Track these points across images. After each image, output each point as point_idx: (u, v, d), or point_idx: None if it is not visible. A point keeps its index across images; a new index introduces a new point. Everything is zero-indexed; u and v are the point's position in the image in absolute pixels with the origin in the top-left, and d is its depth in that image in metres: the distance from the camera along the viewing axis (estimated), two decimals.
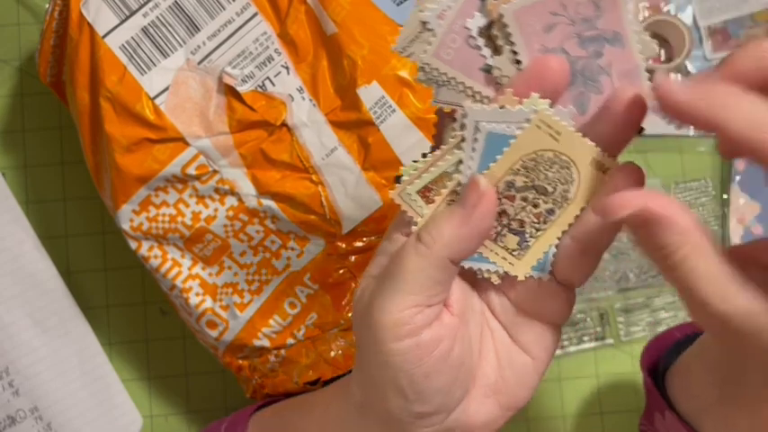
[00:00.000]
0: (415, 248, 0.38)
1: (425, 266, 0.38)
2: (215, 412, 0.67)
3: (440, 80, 0.40)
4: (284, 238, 0.59)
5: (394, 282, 0.39)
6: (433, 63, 0.39)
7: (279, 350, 0.60)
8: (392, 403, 0.40)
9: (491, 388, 0.42)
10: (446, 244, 0.38)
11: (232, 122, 0.58)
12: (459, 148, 0.39)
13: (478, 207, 0.38)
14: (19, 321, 0.63)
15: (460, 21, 0.39)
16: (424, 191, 0.40)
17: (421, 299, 0.38)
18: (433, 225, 0.38)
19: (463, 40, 0.39)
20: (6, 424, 0.62)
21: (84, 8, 0.57)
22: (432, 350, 0.39)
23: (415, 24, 0.39)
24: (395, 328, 0.38)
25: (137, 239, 0.59)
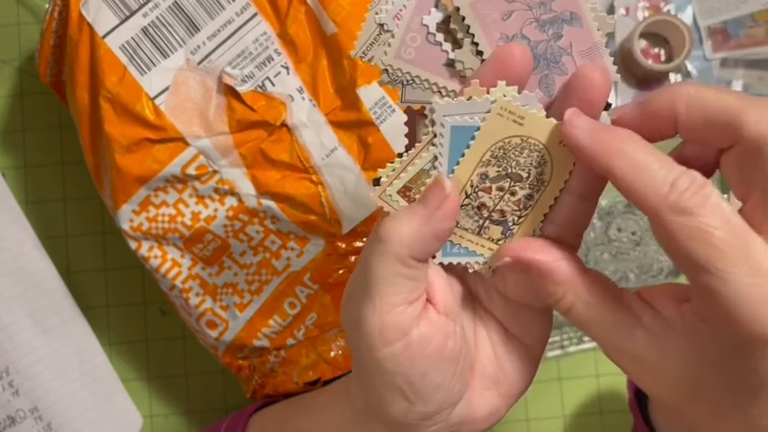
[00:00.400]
0: (376, 248, 0.38)
1: (389, 265, 0.38)
2: (215, 412, 0.67)
3: (404, 80, 0.40)
4: (284, 238, 0.59)
5: (366, 287, 0.39)
6: (395, 64, 0.39)
7: (279, 350, 0.60)
8: (395, 407, 0.40)
9: (490, 379, 0.42)
10: (405, 243, 0.38)
11: (232, 122, 0.58)
12: (432, 144, 0.38)
13: (441, 208, 0.38)
14: (19, 321, 0.63)
15: (417, 18, 0.39)
16: (404, 190, 0.40)
17: (398, 299, 0.38)
18: (392, 223, 0.38)
19: (422, 37, 0.39)
20: (6, 424, 0.62)
21: (83, 8, 0.57)
22: (424, 349, 0.39)
23: (372, 27, 0.39)
24: (381, 333, 0.38)
25: (137, 239, 0.59)
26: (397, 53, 0.39)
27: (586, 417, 0.68)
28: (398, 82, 0.40)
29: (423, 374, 0.39)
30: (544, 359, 0.67)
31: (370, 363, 0.39)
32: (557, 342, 0.67)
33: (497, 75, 0.37)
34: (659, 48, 0.70)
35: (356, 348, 0.40)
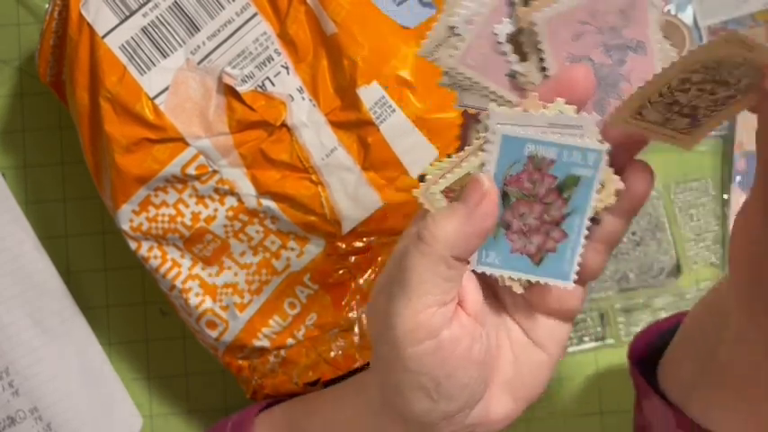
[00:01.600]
0: (418, 248, 0.38)
1: (430, 266, 0.38)
2: (215, 412, 0.67)
3: (464, 84, 0.40)
4: (284, 238, 0.59)
5: (403, 285, 0.39)
6: (459, 68, 0.39)
7: (279, 350, 0.60)
8: (418, 405, 0.40)
9: (508, 383, 0.43)
10: (448, 242, 0.38)
11: (232, 122, 0.58)
12: (482, 149, 0.39)
13: (481, 206, 0.38)
14: (19, 321, 0.63)
15: (489, 27, 0.39)
16: (447, 191, 0.40)
17: (433, 299, 0.39)
18: (434, 223, 0.38)
19: (490, 45, 0.39)
20: (6, 424, 0.62)
21: (83, 8, 0.57)
22: (452, 350, 0.39)
23: (443, 29, 0.39)
24: (413, 332, 0.39)
25: (136, 240, 0.59)
26: (463, 58, 0.39)
27: (586, 417, 0.68)
28: (457, 86, 0.40)
29: (449, 375, 0.39)
30: None
31: (397, 360, 0.39)
32: None
33: (558, 93, 0.37)
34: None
35: (383, 345, 0.40)
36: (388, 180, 0.58)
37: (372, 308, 0.42)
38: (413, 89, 0.57)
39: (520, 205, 0.39)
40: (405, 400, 0.41)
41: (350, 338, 0.60)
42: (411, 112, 0.57)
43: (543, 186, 0.39)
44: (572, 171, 0.38)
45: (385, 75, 0.57)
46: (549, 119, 0.37)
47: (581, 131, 0.38)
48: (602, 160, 0.38)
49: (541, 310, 0.43)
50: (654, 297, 0.68)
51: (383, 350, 0.41)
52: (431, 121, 0.57)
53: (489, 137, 0.38)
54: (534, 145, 0.38)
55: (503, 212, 0.39)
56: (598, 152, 0.37)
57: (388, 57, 0.57)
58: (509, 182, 0.39)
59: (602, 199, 0.39)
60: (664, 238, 0.67)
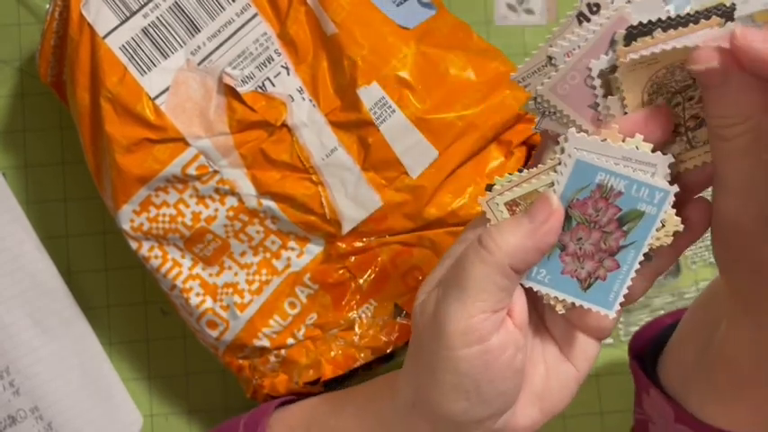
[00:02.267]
0: (479, 255, 0.40)
1: (489, 273, 0.39)
2: (215, 412, 0.67)
3: (548, 111, 0.41)
4: (284, 238, 0.59)
5: (458, 289, 0.40)
6: (547, 95, 0.40)
7: (279, 350, 0.60)
8: (454, 407, 0.42)
9: (537, 395, 0.44)
10: (509, 252, 0.39)
11: (232, 123, 0.58)
12: (554, 170, 0.40)
13: (547, 223, 0.39)
14: (19, 321, 0.63)
15: (585, 60, 0.40)
16: (512, 204, 0.41)
17: (487, 305, 0.40)
18: (498, 233, 0.40)
19: (581, 77, 0.40)
20: (7, 424, 0.62)
21: (84, 9, 0.57)
22: (499, 356, 0.41)
23: (542, 58, 0.41)
24: (464, 335, 0.40)
25: (137, 240, 0.59)
26: (554, 87, 0.40)
27: (586, 417, 0.68)
28: (540, 111, 0.41)
29: (491, 380, 0.41)
30: None
31: (444, 360, 0.41)
32: None
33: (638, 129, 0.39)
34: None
35: (429, 344, 0.42)
36: (388, 180, 0.58)
37: (422, 308, 0.43)
38: (413, 89, 0.57)
39: (579, 229, 0.40)
40: (443, 400, 0.42)
41: (350, 338, 0.60)
42: (411, 113, 0.57)
43: (606, 215, 0.40)
44: (637, 206, 0.39)
45: (385, 75, 0.57)
46: (624, 152, 0.39)
47: (654, 170, 0.39)
48: (667, 201, 0.39)
49: (578, 327, 0.44)
50: (653, 297, 0.68)
51: (429, 349, 0.42)
52: (431, 122, 0.57)
53: (564, 159, 0.39)
54: (606, 174, 0.39)
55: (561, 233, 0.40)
56: (666, 192, 0.39)
57: (388, 57, 0.57)
58: (574, 205, 0.40)
59: (660, 237, 0.40)
60: None
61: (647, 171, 0.39)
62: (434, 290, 0.43)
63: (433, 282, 0.43)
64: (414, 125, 0.57)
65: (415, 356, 0.44)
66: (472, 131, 0.58)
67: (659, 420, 0.48)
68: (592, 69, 0.40)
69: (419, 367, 0.43)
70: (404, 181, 0.58)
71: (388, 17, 0.58)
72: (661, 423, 0.48)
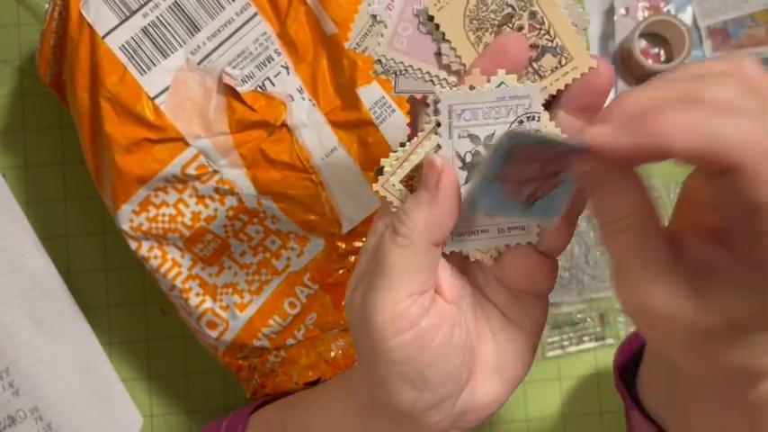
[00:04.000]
0: (395, 241, 0.39)
1: (409, 256, 0.38)
2: (215, 412, 0.67)
3: (397, 70, 0.40)
4: (284, 238, 0.59)
5: (381, 278, 0.39)
6: (388, 54, 0.40)
7: (279, 350, 0.60)
8: (403, 398, 0.40)
9: (492, 366, 0.43)
10: (423, 230, 0.38)
11: (232, 122, 0.58)
12: (435, 132, 0.39)
13: (441, 183, 0.38)
14: (19, 321, 0.63)
15: (409, 9, 0.39)
16: (407, 180, 0.40)
17: (412, 288, 0.39)
18: (406, 215, 0.39)
19: (414, 27, 0.40)
20: (6, 424, 0.62)
21: (84, 8, 0.57)
22: (433, 338, 0.39)
23: (366, 18, 0.40)
24: (393, 323, 0.39)
25: (137, 240, 0.59)
26: (390, 43, 0.40)
27: (586, 417, 0.68)
28: (392, 72, 0.40)
29: (431, 363, 0.40)
30: (544, 359, 0.67)
31: (378, 353, 0.40)
32: (556, 342, 0.67)
33: (497, 63, 0.38)
34: (659, 48, 0.70)
35: (363, 339, 0.41)
36: None
37: (350, 306, 0.42)
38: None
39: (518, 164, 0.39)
40: (390, 393, 0.41)
41: (350, 338, 0.60)
42: None
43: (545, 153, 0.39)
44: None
45: None
46: (496, 92, 0.38)
47: (529, 101, 0.39)
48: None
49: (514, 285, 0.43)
50: None
51: (364, 345, 0.41)
52: None
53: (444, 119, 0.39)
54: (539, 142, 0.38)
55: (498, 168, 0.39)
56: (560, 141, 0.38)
57: None
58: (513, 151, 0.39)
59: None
60: None
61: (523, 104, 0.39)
62: (359, 285, 0.41)
63: (356, 278, 0.42)
64: None
65: (358, 354, 0.43)
66: None
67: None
68: (419, 16, 0.39)
69: (363, 364, 0.42)
70: None
71: None
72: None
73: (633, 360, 0.50)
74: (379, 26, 0.40)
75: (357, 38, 0.41)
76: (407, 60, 0.40)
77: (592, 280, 0.67)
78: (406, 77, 0.40)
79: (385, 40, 0.40)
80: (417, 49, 0.40)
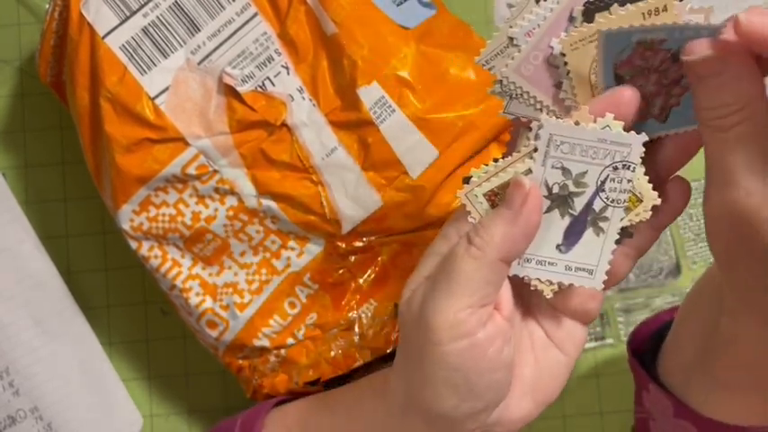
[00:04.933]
0: (468, 251, 0.40)
1: (479, 268, 0.40)
2: (215, 412, 0.67)
3: (514, 93, 0.41)
4: (284, 238, 0.59)
5: (448, 284, 0.40)
6: (511, 77, 0.41)
7: (279, 350, 0.60)
8: (445, 403, 0.42)
9: (529, 385, 0.45)
10: (498, 245, 0.40)
11: (232, 122, 0.58)
12: (530, 157, 0.40)
13: (525, 205, 0.39)
14: (19, 321, 0.63)
15: (547, 39, 0.40)
16: (491, 194, 0.41)
17: (475, 300, 0.40)
18: (484, 228, 0.40)
19: (544, 57, 0.40)
20: (6, 424, 0.62)
21: (84, 8, 0.57)
22: (486, 350, 0.41)
23: (503, 39, 0.41)
24: (452, 329, 0.40)
25: (137, 239, 0.59)
26: (518, 68, 0.41)
27: (586, 417, 0.68)
28: (507, 94, 0.41)
29: (480, 374, 0.41)
30: None
31: (432, 355, 0.41)
32: None
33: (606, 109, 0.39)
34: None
35: (417, 340, 0.42)
36: (388, 180, 0.58)
37: (408, 304, 0.43)
38: (413, 89, 0.57)
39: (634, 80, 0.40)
40: (434, 396, 0.42)
41: (350, 338, 0.60)
42: (411, 112, 0.57)
43: (657, 59, 0.39)
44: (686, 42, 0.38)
45: (385, 75, 0.57)
46: (599, 133, 0.39)
47: (629, 150, 0.39)
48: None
49: (564, 311, 0.44)
50: (653, 297, 0.68)
51: (417, 345, 0.42)
52: (431, 122, 0.57)
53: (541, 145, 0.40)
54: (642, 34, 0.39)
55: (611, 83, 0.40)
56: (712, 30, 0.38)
57: (388, 57, 0.57)
58: (620, 66, 0.40)
59: (639, 213, 0.41)
60: (663, 238, 0.67)
61: (623, 151, 0.39)
62: (420, 286, 0.43)
63: (419, 278, 0.43)
64: (414, 125, 0.57)
65: (404, 354, 0.44)
66: (472, 131, 0.58)
67: (659, 416, 0.48)
68: (554, 48, 0.40)
69: (408, 365, 0.43)
70: (404, 181, 0.58)
71: (389, 17, 0.58)
72: (661, 419, 0.48)
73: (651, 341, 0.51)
74: (512, 49, 0.41)
75: (488, 55, 0.41)
76: (527, 86, 0.41)
77: None
78: (519, 102, 0.41)
79: (514, 63, 0.40)
80: (539, 79, 0.41)
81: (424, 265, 0.44)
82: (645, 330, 0.53)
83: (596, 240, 0.41)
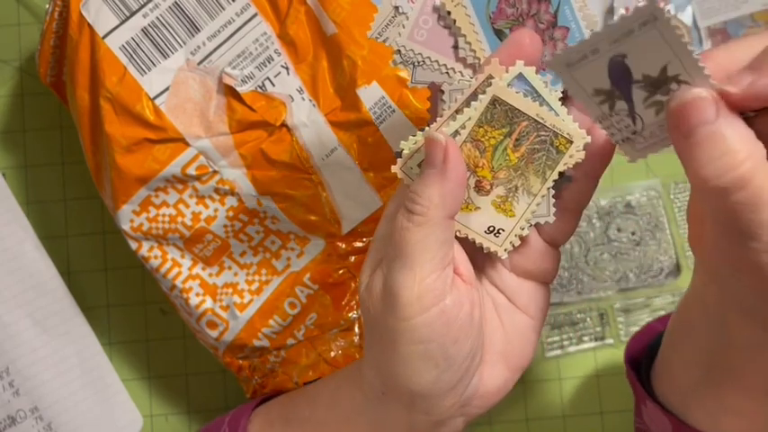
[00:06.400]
0: (412, 220, 0.40)
1: (429, 233, 0.40)
2: (215, 412, 0.67)
3: (416, 61, 0.41)
4: (284, 238, 0.59)
5: (404, 258, 0.40)
6: (408, 45, 0.41)
7: (279, 350, 0.60)
8: (424, 377, 0.42)
9: (499, 352, 0.44)
10: (439, 205, 0.39)
11: (232, 123, 0.58)
12: (453, 119, 0.40)
13: (447, 158, 0.39)
14: (19, 321, 0.64)
15: (430, 2, 0.40)
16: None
17: (436, 263, 0.40)
18: (418, 194, 0.40)
19: (434, 20, 0.41)
20: (6, 424, 0.62)
21: (84, 9, 0.57)
22: (456, 314, 0.41)
23: (388, 9, 0.41)
24: (419, 300, 0.40)
25: (137, 240, 0.59)
26: (411, 35, 0.41)
27: (586, 417, 0.68)
28: (410, 63, 0.42)
29: (455, 341, 0.41)
30: (544, 359, 0.67)
31: (404, 332, 0.41)
32: (557, 342, 0.67)
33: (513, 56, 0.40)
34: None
35: (386, 322, 0.41)
36: (388, 180, 0.58)
37: (369, 292, 0.43)
38: (412, 90, 0.57)
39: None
40: (412, 373, 0.42)
41: (350, 338, 0.60)
42: (411, 112, 0.57)
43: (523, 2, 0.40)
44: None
45: (385, 75, 0.57)
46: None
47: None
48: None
49: (522, 273, 0.44)
50: (654, 297, 0.68)
51: (387, 327, 0.41)
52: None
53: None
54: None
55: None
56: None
57: (388, 57, 0.57)
58: (494, 20, 0.40)
59: (573, 154, 0.40)
60: (663, 238, 0.67)
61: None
62: (377, 270, 0.43)
63: (373, 264, 0.43)
64: (414, 124, 0.57)
65: (373, 342, 0.44)
66: None
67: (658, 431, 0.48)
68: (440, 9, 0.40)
69: (381, 350, 0.43)
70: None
71: None
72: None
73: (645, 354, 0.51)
74: (400, 17, 0.41)
75: (378, 28, 0.42)
76: (426, 52, 0.41)
77: (592, 280, 0.67)
78: (424, 69, 0.42)
79: (406, 31, 0.41)
80: (436, 42, 0.41)
81: (376, 250, 0.44)
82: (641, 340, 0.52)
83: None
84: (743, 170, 0.33)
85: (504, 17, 0.40)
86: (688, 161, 0.34)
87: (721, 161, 0.33)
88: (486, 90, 0.39)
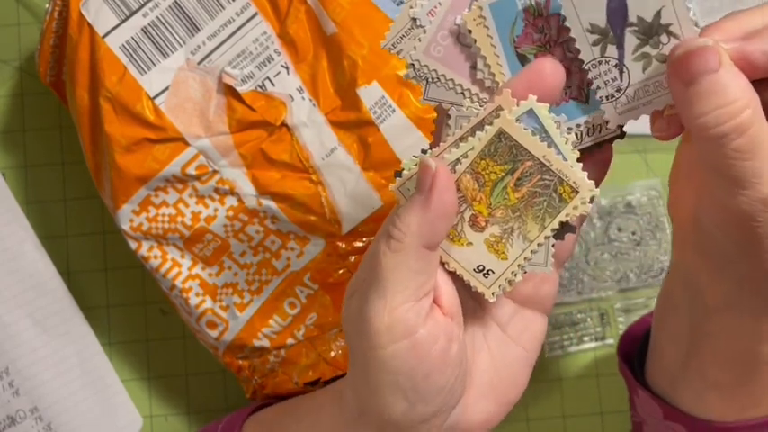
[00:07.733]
0: (389, 245, 0.38)
1: (402, 260, 0.38)
2: (215, 412, 0.67)
3: (429, 77, 0.40)
4: (284, 238, 0.59)
5: (377, 284, 0.38)
6: (422, 60, 0.39)
7: (279, 350, 0.60)
8: (394, 408, 0.40)
9: (487, 385, 0.42)
10: (415, 233, 0.37)
11: (232, 122, 0.58)
12: (456, 146, 0.38)
13: (434, 186, 0.37)
14: (19, 321, 0.64)
15: (451, 17, 0.38)
16: None
17: (408, 294, 0.38)
18: (399, 219, 0.38)
19: (454, 37, 0.39)
20: (6, 424, 0.62)
21: (83, 8, 0.57)
22: (429, 348, 0.38)
23: (405, 21, 0.39)
24: (390, 330, 0.38)
25: (137, 239, 0.59)
26: (427, 50, 0.39)
27: (586, 417, 0.68)
28: (423, 78, 0.40)
29: (426, 375, 0.39)
30: (544, 359, 0.67)
31: (373, 361, 0.39)
32: (557, 342, 0.67)
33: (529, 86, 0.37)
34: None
35: (359, 347, 0.40)
36: (388, 180, 0.58)
37: (346, 312, 0.41)
38: (413, 89, 0.57)
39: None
40: (382, 403, 0.40)
41: None
42: (411, 112, 0.57)
43: (552, 27, 0.38)
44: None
45: (385, 74, 0.57)
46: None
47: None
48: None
49: (517, 298, 0.42)
50: (654, 297, 0.68)
51: (359, 352, 0.40)
52: (431, 122, 0.57)
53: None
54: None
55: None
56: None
57: (388, 57, 0.57)
58: (519, 44, 0.38)
59: (577, 206, 0.38)
60: (664, 238, 0.67)
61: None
62: (355, 292, 0.41)
63: (357, 282, 0.41)
64: (414, 124, 0.57)
65: (351, 362, 0.42)
66: None
67: (650, 420, 0.48)
68: (460, 27, 0.38)
69: (356, 373, 0.41)
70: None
71: (388, 17, 0.58)
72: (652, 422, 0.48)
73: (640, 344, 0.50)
74: (417, 30, 0.39)
75: (393, 39, 0.40)
76: (441, 69, 0.39)
77: (592, 280, 0.67)
78: (438, 86, 0.40)
79: (422, 45, 0.39)
80: (453, 60, 0.39)
81: (358, 270, 0.42)
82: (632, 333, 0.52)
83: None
84: (742, 118, 0.34)
85: (529, 42, 0.37)
86: (688, 109, 0.35)
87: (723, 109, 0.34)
88: (494, 121, 0.37)
